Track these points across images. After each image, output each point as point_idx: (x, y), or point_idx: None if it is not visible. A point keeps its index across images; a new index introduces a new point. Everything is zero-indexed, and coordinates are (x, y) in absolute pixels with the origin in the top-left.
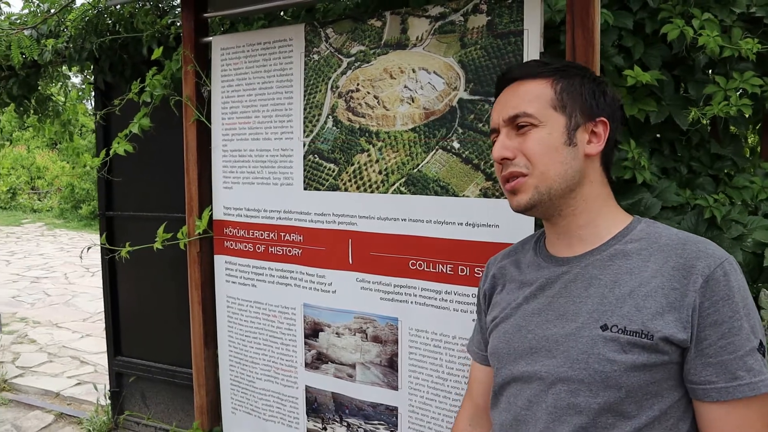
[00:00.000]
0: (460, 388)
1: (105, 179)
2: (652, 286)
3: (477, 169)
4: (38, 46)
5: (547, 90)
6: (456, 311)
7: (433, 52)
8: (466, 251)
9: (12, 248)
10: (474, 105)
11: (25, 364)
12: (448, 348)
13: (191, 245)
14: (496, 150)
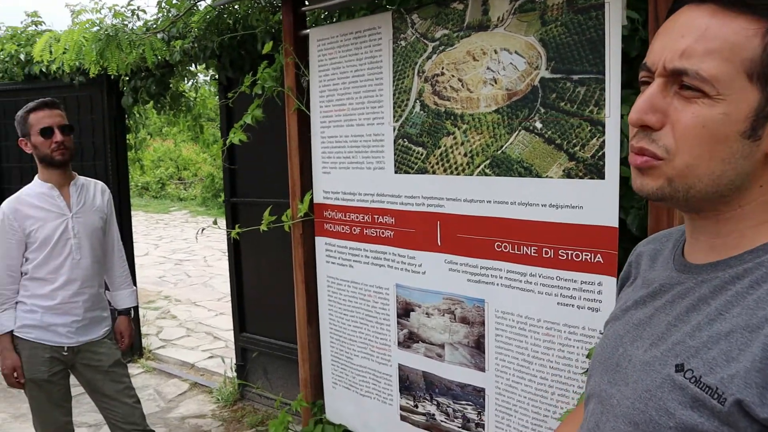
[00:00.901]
0: (546, 372)
1: (229, 168)
2: (762, 334)
3: (560, 149)
4: (168, 48)
5: (751, 41)
6: (540, 294)
7: (514, 31)
8: (550, 233)
9: (160, 233)
10: (556, 83)
11: (167, 337)
12: (533, 331)
13: (295, 227)
14: (636, 107)
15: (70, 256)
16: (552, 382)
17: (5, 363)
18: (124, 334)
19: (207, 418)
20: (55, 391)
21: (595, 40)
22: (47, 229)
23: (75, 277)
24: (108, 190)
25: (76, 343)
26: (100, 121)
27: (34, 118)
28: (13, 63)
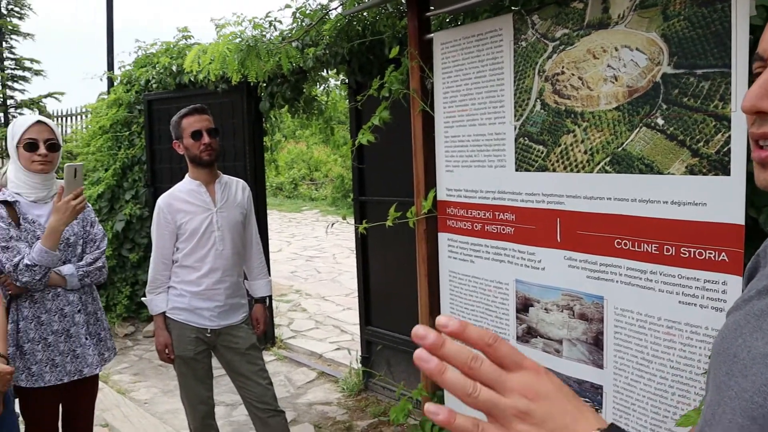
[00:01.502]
0: (666, 372)
1: (358, 168)
2: None
3: (682, 145)
4: (302, 55)
5: None
6: (661, 292)
7: (635, 28)
8: (672, 230)
9: (293, 231)
10: (678, 79)
11: (297, 328)
12: (653, 330)
13: (419, 224)
14: (749, 95)
15: (214, 247)
16: (672, 382)
17: (158, 340)
18: (259, 321)
19: (332, 405)
20: (199, 368)
21: (721, 33)
22: (195, 222)
23: (218, 266)
24: (248, 187)
25: (217, 326)
26: (240, 125)
27: (186, 122)
28: (167, 74)
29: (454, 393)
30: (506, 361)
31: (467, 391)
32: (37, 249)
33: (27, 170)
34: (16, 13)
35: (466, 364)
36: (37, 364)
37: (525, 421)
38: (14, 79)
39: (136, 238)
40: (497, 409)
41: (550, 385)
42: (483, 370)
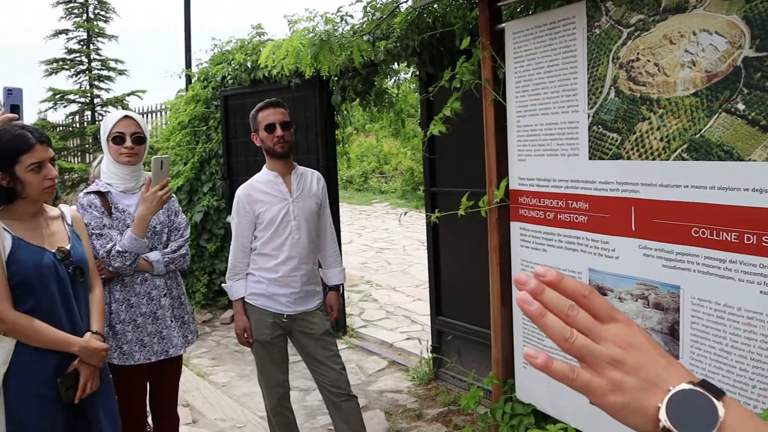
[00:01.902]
0: (746, 364)
1: (428, 159)
2: None
3: (765, 131)
4: (373, 49)
5: None
6: (741, 282)
7: (715, 11)
8: (753, 218)
9: (363, 223)
10: (761, 62)
11: (368, 318)
12: (732, 320)
13: (491, 213)
14: None
15: (291, 235)
16: (753, 374)
17: (237, 324)
18: (333, 308)
19: (403, 393)
20: (276, 352)
21: None
22: (272, 212)
23: (294, 254)
24: (323, 178)
25: (293, 312)
26: (312, 118)
27: (261, 115)
28: (242, 70)
29: (551, 336)
30: (600, 312)
31: (564, 336)
32: (127, 236)
33: (116, 162)
34: (102, 17)
35: (563, 312)
36: (127, 344)
37: (618, 368)
38: (100, 78)
39: (213, 228)
40: (592, 355)
41: (642, 337)
42: (579, 318)
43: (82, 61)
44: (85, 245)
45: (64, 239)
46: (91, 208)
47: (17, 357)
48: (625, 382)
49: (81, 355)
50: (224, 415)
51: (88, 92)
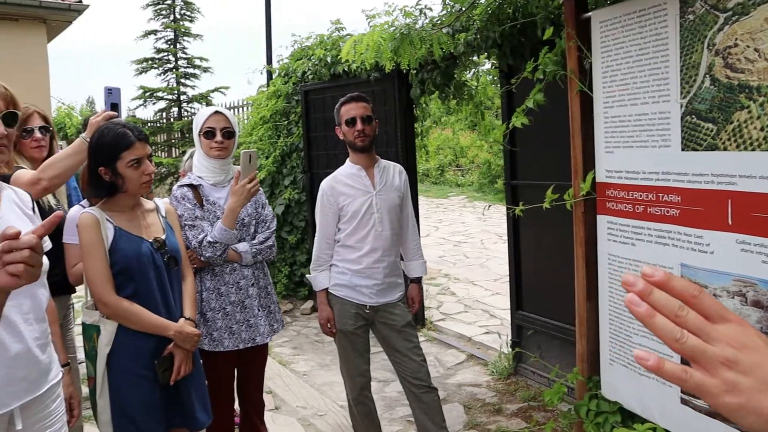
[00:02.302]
0: None
1: (509, 152)
2: None
3: None
4: (453, 41)
5: None
6: None
7: None
8: None
9: (440, 217)
10: None
11: (446, 311)
12: None
13: (576, 206)
14: None
15: (374, 228)
16: None
17: (321, 315)
18: (414, 300)
19: (482, 387)
20: (358, 342)
21: None
22: (356, 204)
23: (377, 246)
24: (404, 172)
25: (376, 303)
26: (391, 111)
27: (344, 110)
28: (321, 65)
29: (662, 337)
30: (710, 312)
31: (675, 336)
32: (218, 227)
33: (207, 156)
34: (188, 17)
35: (673, 312)
36: (217, 331)
37: (732, 368)
38: (186, 76)
39: (294, 221)
40: (704, 356)
41: (756, 337)
42: (689, 318)
43: (170, 59)
44: (177, 236)
45: (159, 230)
46: (184, 200)
47: (119, 339)
48: (741, 383)
49: (176, 339)
50: (305, 403)
51: (175, 89)
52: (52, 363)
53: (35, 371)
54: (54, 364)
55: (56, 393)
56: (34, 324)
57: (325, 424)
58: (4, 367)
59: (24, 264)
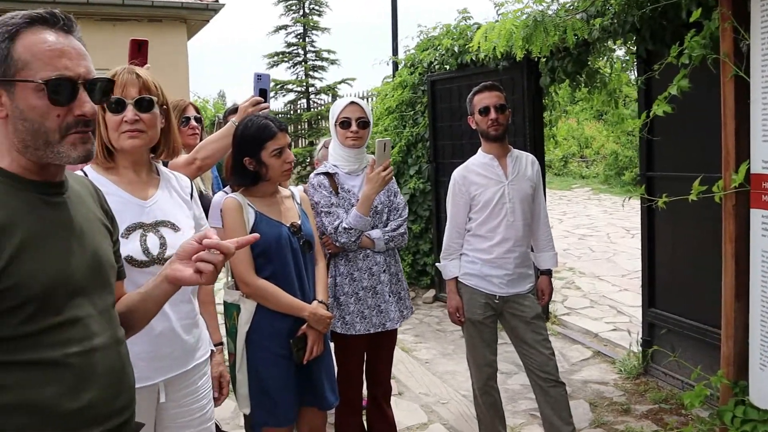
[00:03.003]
0: None
1: (646, 142)
2: None
3: None
4: (587, 27)
5: None
6: None
7: None
8: None
9: (563, 209)
10: None
11: (571, 305)
12: None
13: (726, 199)
14: None
15: (505, 218)
16: None
17: (450, 303)
18: (544, 292)
19: (608, 386)
20: (487, 332)
21: None
22: (488, 194)
23: (508, 236)
24: (537, 162)
25: (505, 294)
26: (520, 101)
27: (477, 98)
28: (448, 55)
29: None
30: None
31: None
32: (353, 214)
33: (342, 145)
34: (317, 11)
35: None
36: (349, 315)
37: None
38: (315, 69)
39: (418, 210)
40: None
41: None
42: None
43: (299, 53)
44: (311, 222)
45: (295, 216)
46: (321, 188)
47: (257, 318)
48: None
49: (309, 320)
50: (428, 390)
51: (304, 82)
52: (199, 342)
53: (179, 349)
54: (201, 343)
55: (203, 371)
56: (179, 305)
57: (447, 412)
58: (148, 344)
59: (213, 266)
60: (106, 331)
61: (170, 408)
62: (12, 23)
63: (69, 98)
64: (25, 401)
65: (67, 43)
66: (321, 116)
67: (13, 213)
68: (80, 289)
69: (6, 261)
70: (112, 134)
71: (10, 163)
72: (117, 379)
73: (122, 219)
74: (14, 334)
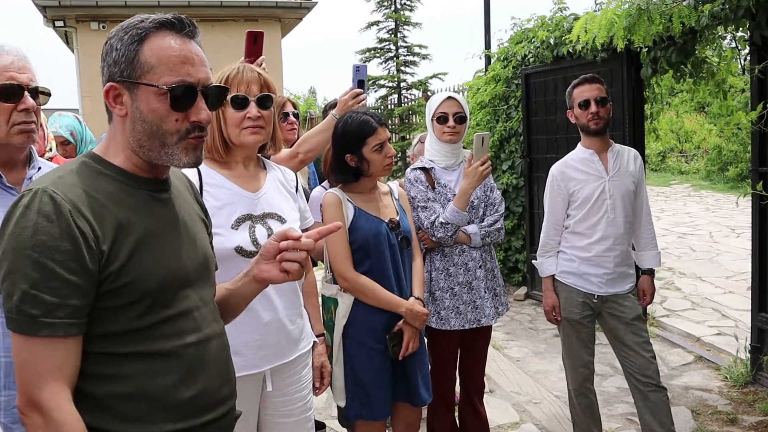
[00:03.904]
0: None
1: (759, 134)
2: None
3: None
4: (695, 13)
5: None
6: None
7: None
8: None
9: (661, 206)
10: None
11: (671, 307)
12: None
13: None
14: None
15: (606, 215)
16: None
17: (546, 301)
18: (646, 293)
19: (713, 393)
20: (583, 332)
21: None
22: (587, 190)
23: (608, 234)
24: (640, 157)
25: (604, 293)
26: (618, 93)
27: (576, 92)
28: (544, 47)
29: None
30: None
31: None
32: (449, 209)
33: (439, 140)
34: (408, 6)
35: None
36: (444, 310)
37: None
38: (406, 64)
39: (511, 206)
40: None
41: None
42: None
43: (391, 48)
44: (408, 218)
45: (393, 212)
46: (417, 183)
47: (354, 312)
48: None
49: (406, 316)
50: (519, 389)
51: (396, 77)
52: (302, 333)
53: (284, 339)
54: (305, 334)
55: (305, 362)
56: (285, 296)
57: (539, 412)
58: (257, 332)
59: (298, 264)
60: (211, 322)
61: (274, 396)
62: (142, 27)
63: (188, 104)
64: (143, 390)
65: (190, 49)
66: (413, 111)
67: (130, 211)
68: (188, 282)
69: (125, 258)
70: (233, 130)
71: (123, 161)
72: (223, 369)
73: (232, 211)
74: (131, 327)
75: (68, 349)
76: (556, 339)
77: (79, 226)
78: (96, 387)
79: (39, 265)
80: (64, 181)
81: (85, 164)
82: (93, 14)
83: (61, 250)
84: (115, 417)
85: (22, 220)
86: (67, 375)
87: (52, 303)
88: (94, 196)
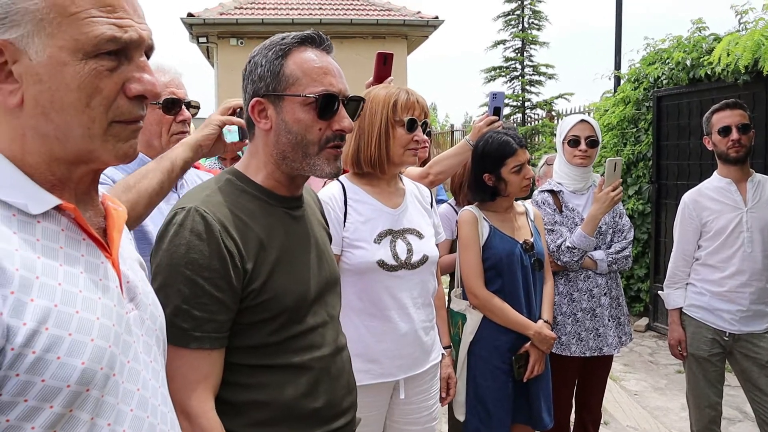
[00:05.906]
0: None
1: None
2: None
3: None
4: None
5: None
6: None
7: None
8: None
9: None
10: None
11: None
12: None
13: None
14: None
15: (742, 248)
16: None
17: (672, 335)
18: None
19: None
20: (711, 370)
21: None
22: (722, 221)
23: (744, 268)
24: None
25: (737, 331)
26: (761, 119)
27: (716, 117)
28: (679, 69)
29: None
30: None
31: None
32: (577, 234)
33: (569, 163)
34: (536, 25)
35: None
36: (566, 336)
37: None
38: (531, 83)
39: (636, 233)
40: None
41: None
42: None
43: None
44: (542, 240)
45: (528, 233)
46: (545, 206)
47: (482, 330)
48: None
49: (534, 339)
50: (636, 424)
51: (520, 96)
52: (434, 345)
53: (418, 350)
54: (436, 345)
55: (435, 372)
56: (421, 308)
57: None
58: (394, 342)
59: None
60: (336, 336)
61: (403, 404)
62: (285, 43)
63: (332, 113)
64: (275, 399)
65: (329, 62)
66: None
67: (269, 229)
68: (319, 298)
69: (266, 276)
70: (397, 149)
71: (264, 178)
72: (346, 381)
73: (375, 226)
74: (267, 341)
75: (213, 360)
76: (679, 375)
77: (227, 246)
78: (233, 394)
79: (191, 282)
80: (212, 200)
81: (229, 182)
82: (233, 31)
83: (211, 269)
84: (249, 423)
85: (176, 237)
86: (212, 384)
87: (201, 318)
88: (238, 214)
